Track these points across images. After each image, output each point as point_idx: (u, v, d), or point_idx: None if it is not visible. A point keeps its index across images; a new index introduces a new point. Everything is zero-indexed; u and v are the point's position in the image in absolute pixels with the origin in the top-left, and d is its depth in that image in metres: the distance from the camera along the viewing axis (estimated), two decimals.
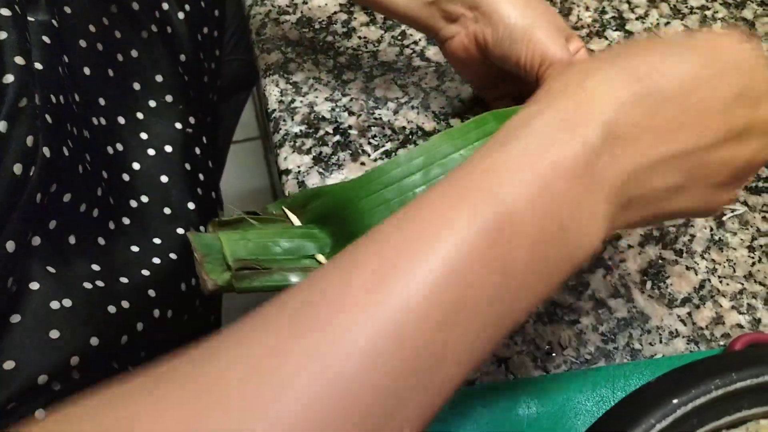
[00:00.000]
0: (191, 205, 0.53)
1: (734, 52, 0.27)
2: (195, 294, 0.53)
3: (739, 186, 0.28)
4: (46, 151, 0.41)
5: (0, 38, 0.40)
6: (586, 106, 0.24)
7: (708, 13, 0.56)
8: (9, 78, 0.39)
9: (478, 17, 0.42)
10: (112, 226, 0.48)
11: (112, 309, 0.44)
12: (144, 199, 0.52)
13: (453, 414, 0.37)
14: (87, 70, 0.50)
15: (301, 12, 0.55)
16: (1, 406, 0.38)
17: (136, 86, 0.54)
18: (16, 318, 0.40)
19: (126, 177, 0.51)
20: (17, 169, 0.39)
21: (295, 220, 0.43)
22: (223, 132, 0.77)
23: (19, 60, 0.40)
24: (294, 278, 0.40)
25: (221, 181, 0.66)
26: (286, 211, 0.43)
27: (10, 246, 0.39)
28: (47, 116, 0.42)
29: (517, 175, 0.23)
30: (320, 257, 0.41)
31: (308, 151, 0.47)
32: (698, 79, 0.26)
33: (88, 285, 0.44)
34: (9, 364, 0.38)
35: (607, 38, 0.54)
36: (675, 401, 0.25)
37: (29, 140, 0.40)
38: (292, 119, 0.49)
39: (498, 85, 0.47)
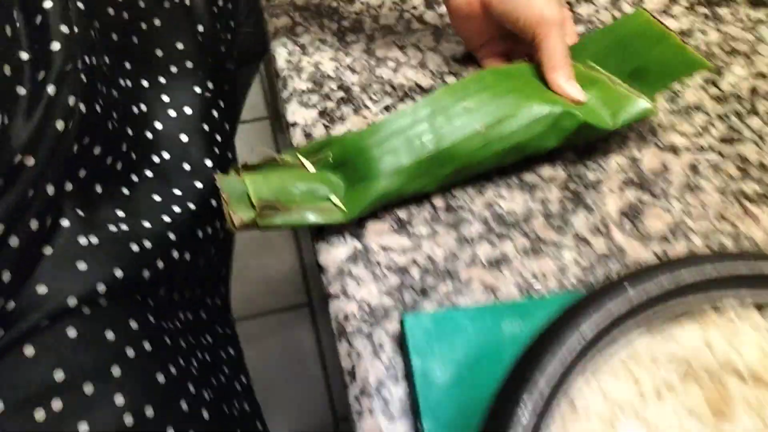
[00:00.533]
0: (209, 163, 0.57)
1: None
2: (210, 241, 0.57)
3: None
4: (82, 107, 0.46)
5: (46, 7, 0.45)
6: None
7: None
8: (56, 45, 0.44)
9: None
10: (135, 178, 0.52)
11: (134, 247, 0.49)
12: (165, 155, 0.56)
13: (441, 330, 0.41)
14: (114, 36, 0.55)
15: None
16: (35, 324, 0.42)
17: (159, 53, 0.58)
18: (48, 250, 0.44)
19: (149, 135, 0.56)
20: (59, 125, 0.43)
21: (310, 167, 0.47)
22: (236, 107, 0.82)
23: (63, 28, 0.44)
24: (311, 217, 0.44)
25: None
26: (301, 158, 0.47)
27: (50, 190, 0.44)
28: (82, 76, 0.47)
29: None
30: (334, 198, 0.46)
31: (314, 106, 0.52)
32: None
33: (113, 227, 0.49)
34: (42, 289, 0.43)
35: (593, 3, 0.58)
36: (625, 283, 0.29)
37: (71, 100, 0.44)
38: (299, 77, 0.53)
39: (492, 43, 0.51)
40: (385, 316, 0.43)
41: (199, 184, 0.56)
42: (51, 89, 0.42)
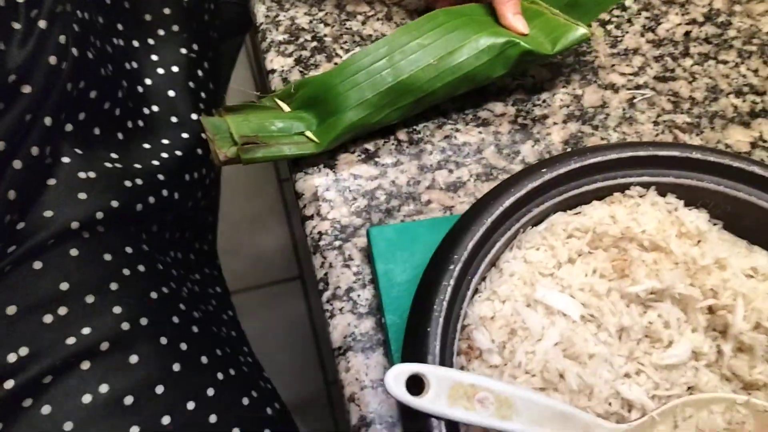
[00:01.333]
0: (194, 116, 0.63)
1: None
2: (197, 186, 0.63)
3: None
4: (74, 51, 0.51)
5: None
6: None
7: None
8: None
9: None
10: (129, 125, 0.58)
11: (128, 183, 0.54)
12: (155, 108, 0.62)
13: (402, 239, 0.47)
14: (108, 0, 0.60)
15: None
16: (44, 242, 0.48)
17: (148, 17, 0.64)
18: (51, 181, 0.50)
19: (140, 89, 0.61)
20: (52, 60, 0.49)
21: (285, 108, 0.53)
22: (222, 70, 0.87)
23: None
24: (288, 150, 0.50)
25: None
26: (277, 101, 0.53)
27: (48, 121, 0.49)
28: (75, 25, 0.52)
29: None
30: (308, 133, 0.51)
31: (290, 55, 0.57)
32: None
33: (108, 165, 0.54)
34: (48, 213, 0.48)
35: None
36: (544, 170, 0.35)
37: (62, 38, 0.50)
38: (277, 29, 0.59)
39: None
40: (353, 233, 0.49)
41: (185, 135, 0.62)
42: (42, 24, 0.48)
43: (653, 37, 0.59)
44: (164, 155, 0.60)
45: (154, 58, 0.64)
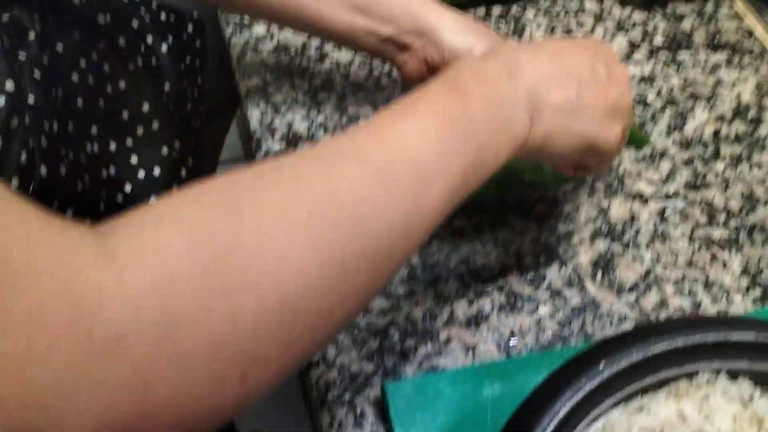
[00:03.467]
0: None
1: (592, 41, 0.41)
2: None
3: (619, 124, 0.39)
4: (43, 169, 0.45)
5: None
6: (504, 52, 0.36)
7: (650, 27, 0.61)
8: (0, 101, 0.44)
9: (426, 44, 0.48)
10: None
11: None
12: None
13: (423, 397, 0.41)
14: (80, 102, 0.54)
15: (278, 40, 0.60)
16: None
17: (125, 115, 0.58)
18: None
19: (119, 198, 0.55)
20: (14, 182, 0.43)
21: None
22: (209, 156, 0.82)
23: (9, 86, 0.44)
24: None
25: None
26: None
27: None
28: (43, 139, 0.47)
29: (471, 77, 0.34)
30: None
31: None
32: (566, 44, 0.39)
33: None
34: None
35: None
36: (602, 364, 0.30)
37: (23, 157, 0.44)
38: (273, 138, 0.53)
39: None
40: (366, 383, 0.43)
41: None
42: None
43: (680, 138, 0.54)
44: None
45: (134, 160, 0.58)
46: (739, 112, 0.56)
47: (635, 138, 0.48)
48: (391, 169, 0.30)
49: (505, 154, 0.34)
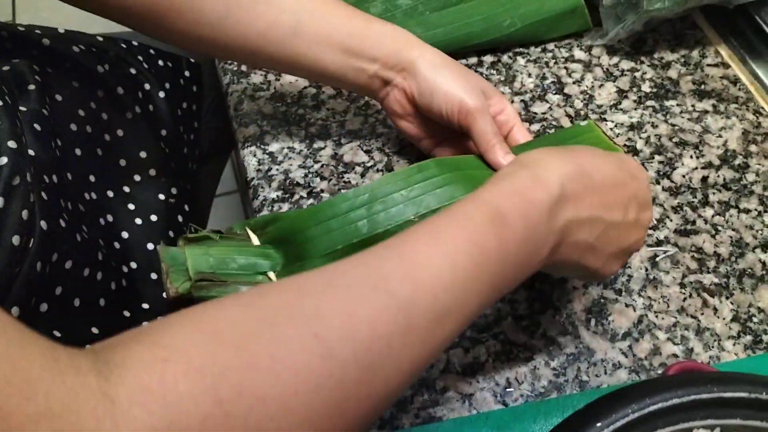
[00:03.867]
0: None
1: (633, 167, 0.41)
2: None
3: (622, 262, 0.41)
4: (43, 224, 0.46)
5: None
6: (550, 173, 0.36)
7: (637, 74, 0.63)
8: (3, 160, 0.44)
9: (406, 77, 0.50)
10: (113, 286, 0.52)
11: None
12: (133, 265, 0.56)
13: None
14: (78, 151, 0.55)
15: (274, 88, 0.61)
16: None
17: (122, 162, 0.59)
18: None
19: (117, 245, 0.56)
20: (15, 240, 0.43)
21: (255, 240, 0.49)
22: (204, 195, 0.82)
23: (11, 144, 0.45)
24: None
25: None
26: (248, 231, 0.49)
27: (15, 311, 0.43)
28: (43, 194, 0.47)
29: (511, 200, 0.34)
30: (271, 275, 0.47)
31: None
32: (614, 178, 0.39)
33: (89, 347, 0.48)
34: None
35: (548, 101, 0.60)
36: (598, 425, 0.30)
37: (24, 214, 0.44)
38: (270, 186, 0.54)
39: (432, 136, 0.53)
40: None
41: (166, 295, 0.56)
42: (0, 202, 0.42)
43: (669, 184, 0.55)
44: (145, 325, 0.54)
45: (131, 207, 0.58)
46: (727, 158, 0.57)
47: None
48: (415, 307, 0.30)
49: (519, 282, 0.35)
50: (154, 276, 0.56)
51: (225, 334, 0.27)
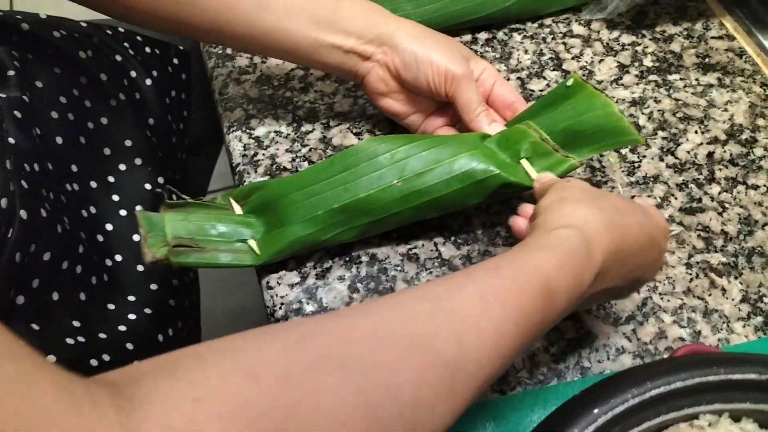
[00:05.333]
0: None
1: (661, 226, 0.40)
2: (173, 344, 0.55)
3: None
4: (23, 213, 0.44)
5: None
6: (597, 250, 0.35)
7: (639, 48, 0.60)
8: None
9: (386, 51, 0.48)
10: (94, 281, 0.51)
11: (94, 362, 0.47)
12: (118, 257, 0.54)
13: None
14: (59, 140, 0.53)
15: (260, 71, 0.59)
16: None
17: (107, 151, 0.57)
18: None
19: (100, 238, 0.54)
20: None
21: (237, 209, 0.48)
22: (196, 186, 0.80)
23: None
24: (224, 258, 0.45)
25: None
26: (231, 200, 0.48)
27: None
28: (23, 182, 0.45)
29: (564, 277, 0.33)
30: (252, 243, 0.46)
31: None
32: (647, 244, 0.39)
33: (70, 341, 0.47)
34: None
35: (545, 78, 0.58)
36: (596, 411, 0.28)
37: (3, 202, 0.43)
38: (256, 171, 0.52)
39: (417, 111, 0.51)
40: None
41: (154, 286, 0.55)
42: None
43: (674, 161, 0.53)
44: (131, 317, 0.52)
45: (115, 198, 0.56)
46: (733, 133, 0.55)
47: (624, 130, 0.45)
48: (460, 371, 0.29)
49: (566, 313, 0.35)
50: (140, 268, 0.55)
51: (264, 377, 0.25)
